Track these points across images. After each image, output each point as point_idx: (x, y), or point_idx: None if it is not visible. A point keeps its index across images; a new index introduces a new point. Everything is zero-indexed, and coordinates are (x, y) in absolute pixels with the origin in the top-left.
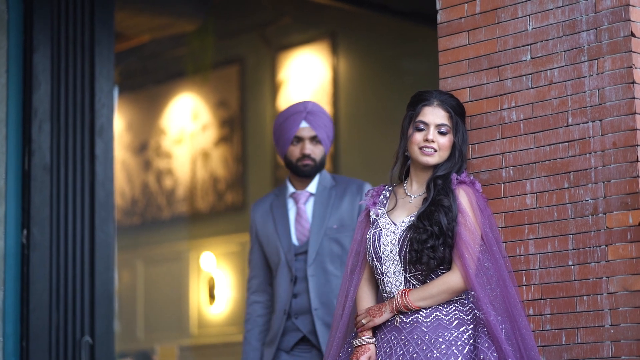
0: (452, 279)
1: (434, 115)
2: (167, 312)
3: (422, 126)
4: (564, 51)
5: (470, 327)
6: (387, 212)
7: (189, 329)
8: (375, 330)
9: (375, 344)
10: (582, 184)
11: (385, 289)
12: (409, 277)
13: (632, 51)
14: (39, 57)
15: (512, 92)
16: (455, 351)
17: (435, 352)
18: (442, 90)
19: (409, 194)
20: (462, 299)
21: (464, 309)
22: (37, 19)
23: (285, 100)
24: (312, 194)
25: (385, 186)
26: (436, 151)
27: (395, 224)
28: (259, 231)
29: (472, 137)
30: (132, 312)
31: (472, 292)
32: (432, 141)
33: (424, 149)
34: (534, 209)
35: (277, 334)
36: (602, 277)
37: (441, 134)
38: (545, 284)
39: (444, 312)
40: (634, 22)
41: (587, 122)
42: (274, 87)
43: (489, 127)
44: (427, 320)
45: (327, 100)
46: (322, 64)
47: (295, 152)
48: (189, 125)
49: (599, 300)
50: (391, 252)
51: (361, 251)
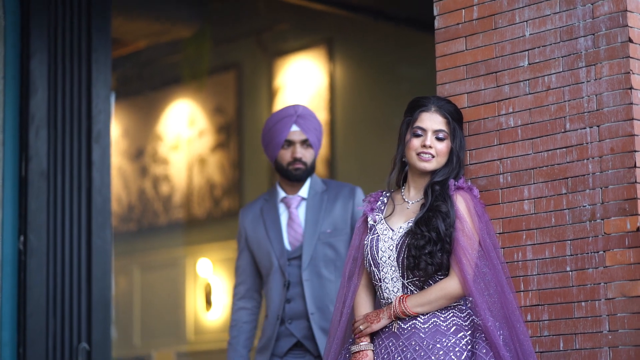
0: (449, 285)
1: (432, 121)
2: (164, 318)
3: (419, 132)
4: (562, 57)
5: (468, 333)
6: (384, 218)
7: (185, 335)
8: (373, 336)
9: (373, 350)
10: (579, 189)
11: (383, 295)
12: (407, 283)
13: (629, 57)
14: (36, 63)
15: (510, 98)
16: (453, 357)
17: (433, 358)
18: (440, 96)
19: (406, 200)
20: (460, 305)
21: (462, 315)
22: (34, 25)
23: (281, 106)
24: (303, 199)
25: (383, 192)
26: (434, 157)
27: (393, 230)
28: (249, 236)
29: (469, 143)
30: (129, 319)
31: (470, 298)
32: (430, 147)
33: (422, 154)
34: (532, 214)
35: (271, 340)
36: (600, 283)
37: (439, 139)
38: (543, 290)
39: (442, 318)
40: (631, 28)
41: (584, 128)
42: (271, 93)
43: (487, 133)
44: (425, 326)
45: (324, 106)
46: (318, 70)
47: (286, 156)
48: (185, 131)
49: (597, 306)
50: (389, 258)
51: (359, 257)
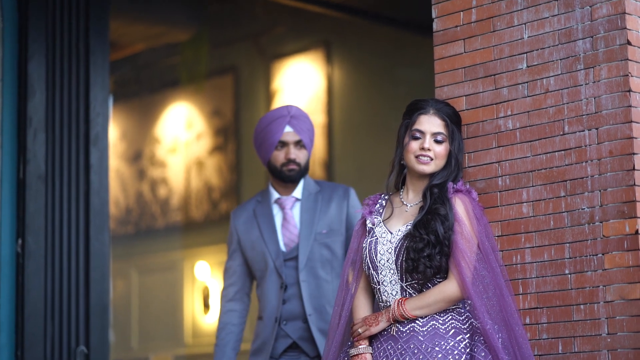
0: (448, 288)
1: (430, 123)
2: (162, 322)
3: (418, 135)
4: (560, 59)
5: (466, 336)
6: (383, 221)
7: (183, 339)
8: (371, 339)
9: (371, 353)
10: (578, 192)
11: (381, 298)
12: (406, 286)
13: (628, 59)
14: (33, 66)
15: (508, 101)
16: None
17: None
18: (438, 98)
19: (405, 202)
20: (458, 308)
21: (461, 318)
22: (32, 28)
23: None
24: (298, 199)
25: (381, 195)
26: (432, 160)
27: (391, 233)
28: (242, 238)
29: (468, 146)
30: (127, 322)
31: (469, 301)
32: (428, 149)
33: (420, 157)
34: (530, 217)
35: (268, 342)
36: (598, 286)
37: (437, 142)
38: (541, 293)
39: (441, 321)
40: (629, 30)
41: (583, 131)
42: (268, 96)
43: (485, 135)
44: (424, 329)
45: (322, 109)
46: (316, 73)
47: (279, 157)
48: (183, 134)
49: (595, 309)
50: (387, 260)
51: (357, 260)
